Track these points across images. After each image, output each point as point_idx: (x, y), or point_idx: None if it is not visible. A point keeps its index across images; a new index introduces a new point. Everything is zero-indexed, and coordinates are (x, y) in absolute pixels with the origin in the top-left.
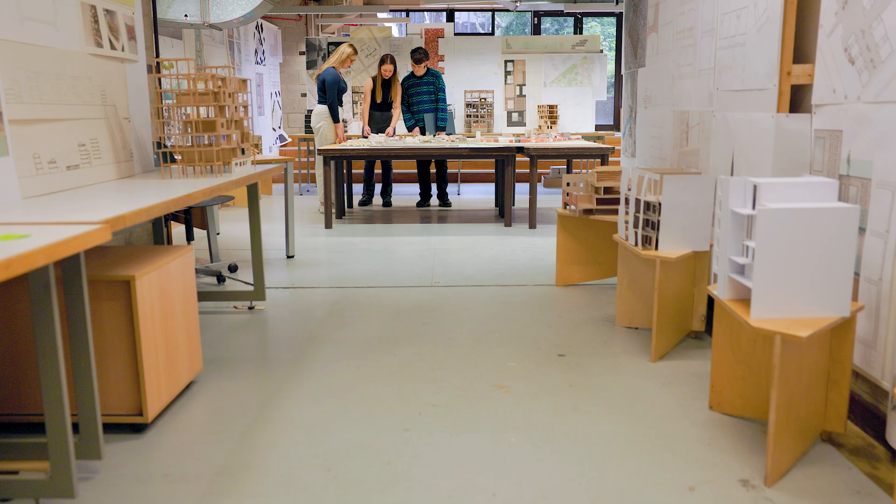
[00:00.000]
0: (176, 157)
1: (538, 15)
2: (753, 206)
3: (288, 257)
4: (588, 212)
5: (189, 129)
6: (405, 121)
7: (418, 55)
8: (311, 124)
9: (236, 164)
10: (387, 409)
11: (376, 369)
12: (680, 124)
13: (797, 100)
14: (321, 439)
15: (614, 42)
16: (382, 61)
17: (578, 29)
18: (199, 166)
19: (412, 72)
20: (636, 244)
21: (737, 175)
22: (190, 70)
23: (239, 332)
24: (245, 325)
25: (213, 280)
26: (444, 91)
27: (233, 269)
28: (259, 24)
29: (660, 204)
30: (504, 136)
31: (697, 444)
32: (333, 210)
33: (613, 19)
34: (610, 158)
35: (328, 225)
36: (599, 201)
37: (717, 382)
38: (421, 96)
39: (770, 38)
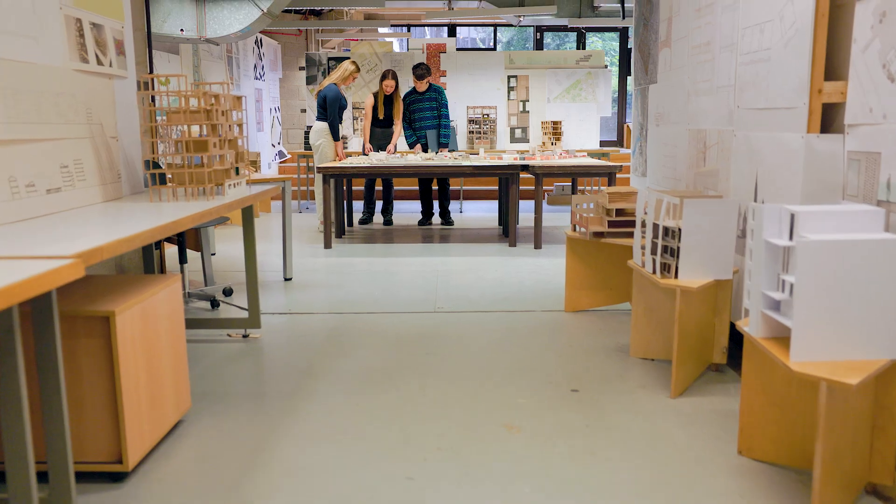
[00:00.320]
0: (168, 177)
1: (540, 30)
2: (791, 237)
3: (285, 280)
4: (599, 235)
5: (180, 149)
6: (406, 137)
7: (420, 71)
8: (311, 141)
9: (230, 185)
10: (389, 454)
11: (377, 406)
12: (696, 143)
13: (828, 119)
14: (318, 491)
15: (617, 57)
16: (384, 77)
17: (581, 44)
18: (191, 188)
19: (414, 87)
20: (654, 272)
21: (761, 198)
22: (180, 87)
23: (232, 363)
24: (239, 355)
25: (207, 305)
26: (446, 107)
27: (228, 292)
28: (258, 39)
29: (679, 230)
30: (507, 152)
31: (728, 495)
32: (333, 229)
33: (615, 35)
34: (617, 176)
35: (327, 245)
36: (611, 224)
37: (746, 425)
38: (423, 112)
39: (798, 53)
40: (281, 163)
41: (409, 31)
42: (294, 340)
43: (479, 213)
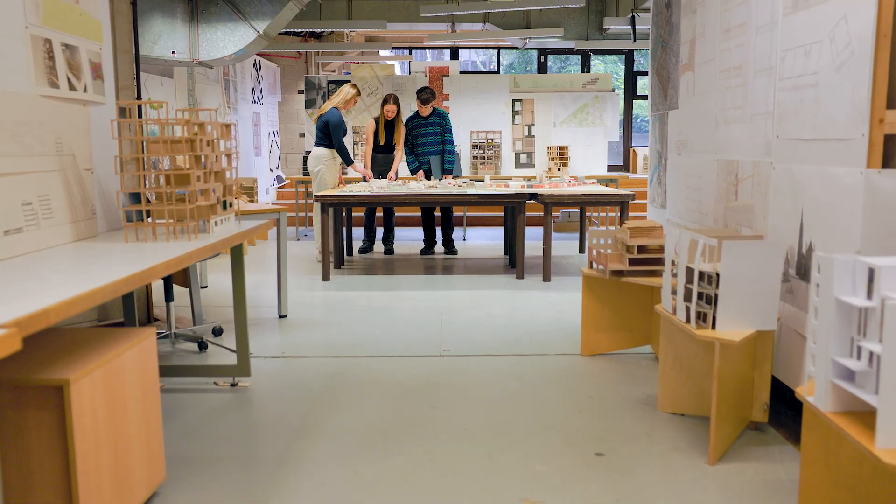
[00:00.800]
0: (145, 213)
1: (544, 53)
2: (870, 296)
3: (280, 317)
4: (618, 273)
5: (160, 183)
6: (409, 163)
7: (425, 95)
8: (309, 168)
9: (216, 222)
10: None
11: (378, 475)
12: (726, 175)
13: (890, 152)
14: None
15: (622, 80)
16: (385, 102)
17: (585, 67)
18: (172, 226)
19: (417, 112)
20: (687, 321)
21: (808, 239)
22: (159, 114)
23: (217, 419)
24: (225, 408)
25: (195, 346)
26: (450, 132)
27: (217, 332)
28: (257, 62)
29: (717, 275)
30: (514, 179)
31: None
32: (332, 260)
33: (616, 58)
34: (629, 204)
35: (325, 277)
36: (632, 261)
37: None
38: (426, 137)
39: (855, 78)
40: (279, 188)
41: (410, 53)
42: (286, 390)
43: (483, 240)
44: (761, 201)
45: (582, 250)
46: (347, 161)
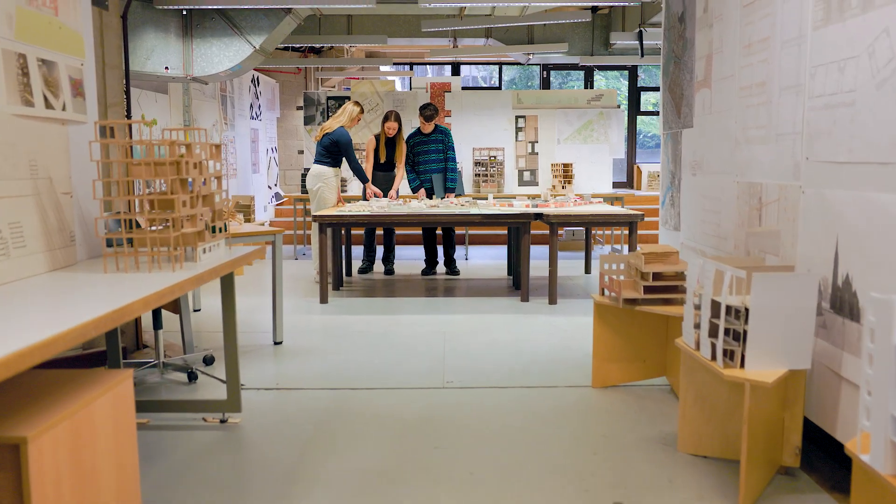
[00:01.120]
0: (124, 241)
1: (546, 68)
2: None
3: (275, 343)
4: (632, 302)
5: (143, 208)
6: (409, 181)
7: (429, 112)
8: (308, 186)
9: (204, 249)
10: None
11: None
12: (748, 199)
13: None
14: None
15: (626, 97)
16: (386, 119)
17: (588, 83)
18: (156, 255)
19: (418, 128)
20: (713, 358)
21: (844, 270)
22: (142, 134)
23: (203, 461)
24: (213, 448)
25: (185, 377)
26: (453, 149)
27: (209, 361)
28: (255, 78)
29: (746, 309)
30: (517, 197)
31: None
32: (330, 281)
33: (619, 73)
34: (637, 223)
35: (323, 299)
36: (647, 289)
37: None
38: (428, 155)
39: None
40: (277, 205)
41: (411, 69)
42: (279, 428)
43: (486, 260)
44: (789, 227)
45: (588, 270)
46: (364, 179)
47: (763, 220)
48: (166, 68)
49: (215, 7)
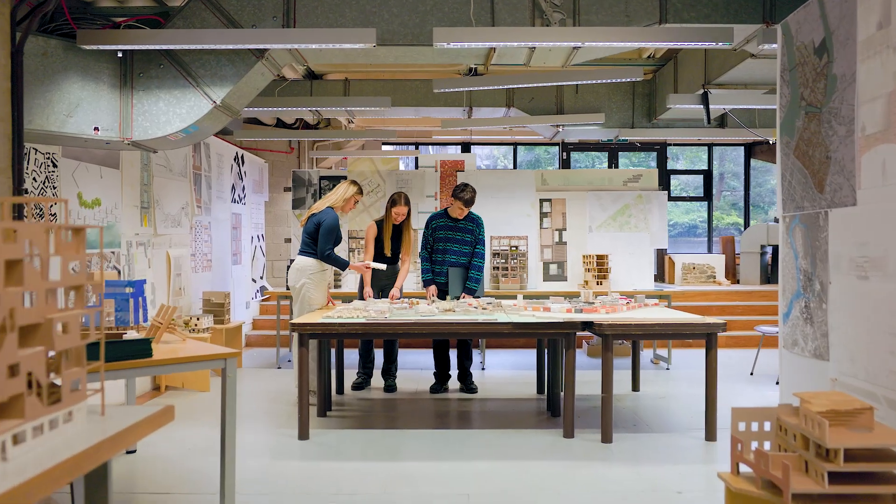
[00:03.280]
0: None
1: (567, 148)
2: None
3: None
4: (808, 499)
5: None
6: (422, 273)
7: (468, 194)
8: (290, 283)
9: (19, 434)
10: None
11: None
12: None
13: None
14: None
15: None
16: (393, 202)
17: (613, 164)
18: None
19: (445, 211)
20: None
21: None
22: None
23: None
24: None
25: None
26: (483, 244)
27: None
28: (239, 156)
29: None
30: (551, 298)
31: None
32: (315, 405)
33: (646, 154)
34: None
35: (303, 433)
36: (835, 477)
37: None
38: (453, 244)
39: None
40: (263, 300)
41: (417, 149)
42: None
43: (507, 369)
44: None
45: (636, 387)
46: (342, 266)
47: None
48: (96, 129)
49: (162, 48)
